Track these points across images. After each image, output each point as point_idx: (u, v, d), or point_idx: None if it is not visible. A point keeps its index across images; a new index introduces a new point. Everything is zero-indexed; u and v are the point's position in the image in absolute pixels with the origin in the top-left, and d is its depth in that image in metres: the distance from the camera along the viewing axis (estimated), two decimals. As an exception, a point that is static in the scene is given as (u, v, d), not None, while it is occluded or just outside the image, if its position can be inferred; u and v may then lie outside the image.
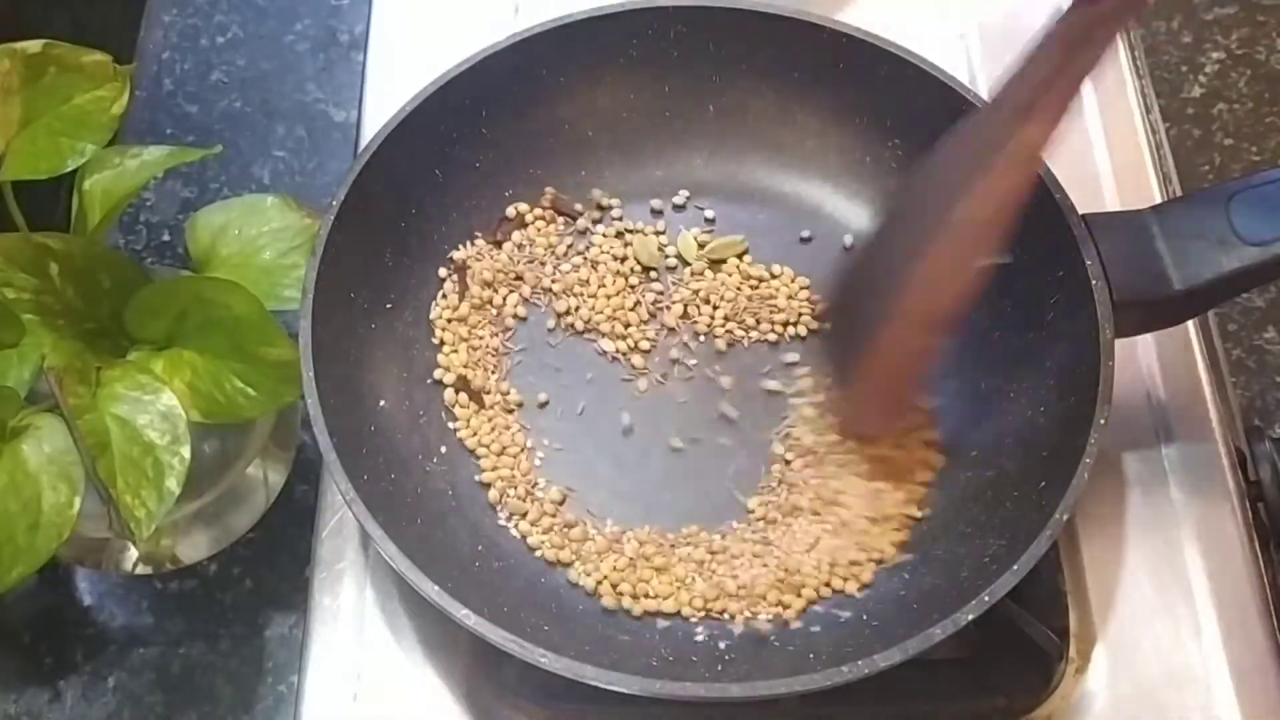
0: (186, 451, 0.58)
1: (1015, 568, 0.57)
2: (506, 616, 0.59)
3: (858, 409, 0.68)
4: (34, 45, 0.61)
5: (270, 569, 0.69)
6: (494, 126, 0.73)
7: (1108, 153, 0.80)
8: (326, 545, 0.68)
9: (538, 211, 0.75)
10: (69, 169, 0.61)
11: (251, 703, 0.65)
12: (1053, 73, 0.57)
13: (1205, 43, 0.82)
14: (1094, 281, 0.64)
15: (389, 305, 0.70)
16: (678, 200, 0.77)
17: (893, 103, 0.73)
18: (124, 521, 0.56)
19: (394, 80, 0.82)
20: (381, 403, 0.67)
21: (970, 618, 0.56)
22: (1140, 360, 0.73)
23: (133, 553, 0.69)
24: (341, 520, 0.68)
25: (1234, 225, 0.62)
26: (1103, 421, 0.61)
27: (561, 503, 0.68)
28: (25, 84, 0.61)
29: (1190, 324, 0.73)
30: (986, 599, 0.57)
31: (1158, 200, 0.78)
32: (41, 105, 0.62)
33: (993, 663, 0.65)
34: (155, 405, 0.58)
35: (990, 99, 0.61)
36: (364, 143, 0.69)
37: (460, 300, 0.72)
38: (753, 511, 0.67)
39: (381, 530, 0.58)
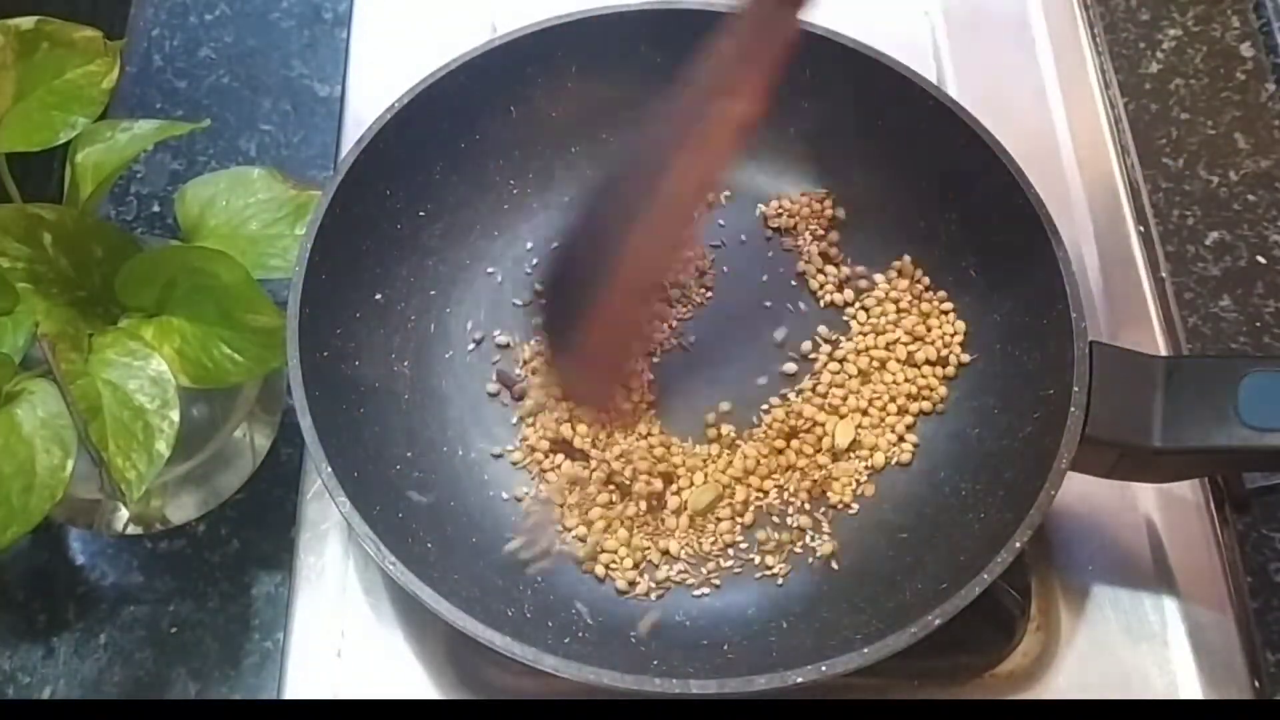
0: (175, 415, 0.58)
1: (961, 594, 0.57)
2: (482, 603, 0.59)
3: (579, 375, 0.68)
4: (27, 22, 0.61)
5: (256, 529, 0.69)
6: (493, 124, 0.73)
7: (1068, 126, 0.81)
8: (311, 506, 0.69)
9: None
10: (61, 142, 0.61)
11: (238, 659, 0.66)
12: (744, 51, 0.57)
13: (1163, 20, 0.83)
14: (1073, 409, 0.60)
15: (378, 297, 0.70)
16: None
17: (866, 105, 0.73)
18: (115, 483, 0.57)
19: (377, 57, 0.83)
20: (370, 378, 0.68)
21: (938, 622, 0.56)
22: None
23: (123, 513, 0.69)
24: (325, 483, 0.69)
25: (1238, 402, 0.60)
26: (1019, 545, 0.58)
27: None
28: (18, 59, 0.61)
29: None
30: (935, 622, 0.57)
31: (1116, 170, 0.79)
32: (34, 80, 0.62)
33: (957, 621, 0.64)
34: (145, 371, 0.58)
35: (690, 78, 0.59)
36: (348, 117, 0.68)
37: None
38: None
39: (350, 504, 0.58)
